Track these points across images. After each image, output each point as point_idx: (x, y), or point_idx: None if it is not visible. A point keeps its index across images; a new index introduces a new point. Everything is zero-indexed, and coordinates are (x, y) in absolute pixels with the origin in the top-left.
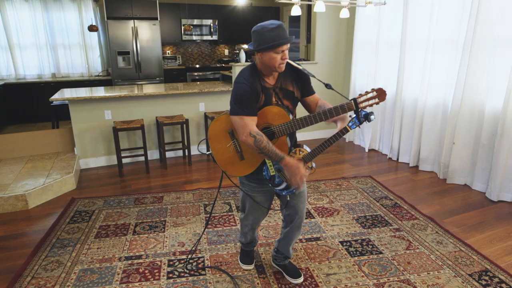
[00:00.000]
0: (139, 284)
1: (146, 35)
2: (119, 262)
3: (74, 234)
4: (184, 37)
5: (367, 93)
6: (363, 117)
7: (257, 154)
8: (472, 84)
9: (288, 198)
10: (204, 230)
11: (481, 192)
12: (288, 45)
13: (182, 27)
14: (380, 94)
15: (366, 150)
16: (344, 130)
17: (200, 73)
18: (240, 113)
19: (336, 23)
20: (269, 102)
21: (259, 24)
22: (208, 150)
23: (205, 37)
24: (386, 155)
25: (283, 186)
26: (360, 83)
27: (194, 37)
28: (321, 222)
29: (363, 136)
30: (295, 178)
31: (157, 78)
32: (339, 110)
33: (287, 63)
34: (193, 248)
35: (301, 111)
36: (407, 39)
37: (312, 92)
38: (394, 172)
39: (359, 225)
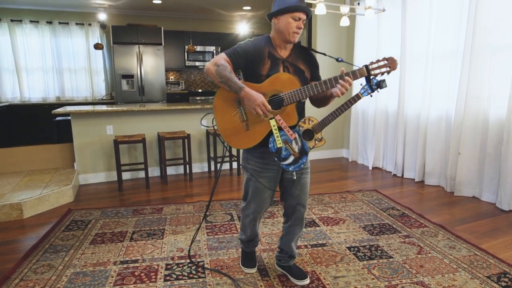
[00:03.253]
0: (134, 286)
1: (150, 59)
2: (114, 266)
3: (68, 241)
4: (188, 63)
5: (378, 61)
6: (375, 85)
7: (264, 124)
8: (474, 92)
9: (295, 177)
10: (203, 220)
11: (491, 203)
12: (305, 17)
13: (186, 52)
14: (392, 62)
15: (370, 168)
16: (356, 97)
17: (203, 97)
18: (225, 52)
19: (336, 42)
20: (276, 71)
21: None
22: (212, 123)
23: (208, 63)
24: (391, 172)
25: (290, 160)
26: (362, 101)
27: (197, 63)
28: (326, 230)
29: (366, 155)
30: (254, 105)
31: (160, 102)
32: (350, 75)
33: (301, 45)
34: (193, 239)
35: (309, 110)
36: (406, 53)
37: (319, 78)
38: (400, 186)
39: (367, 233)
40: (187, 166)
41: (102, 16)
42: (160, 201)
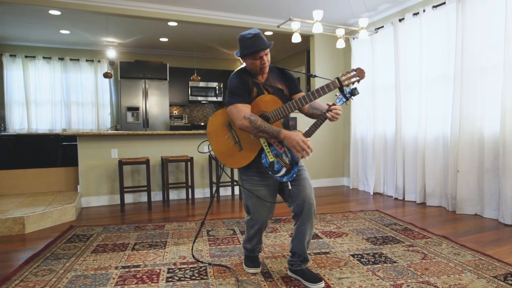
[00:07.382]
0: (135, 287)
1: (155, 93)
2: (115, 270)
3: (69, 250)
4: (191, 98)
5: (348, 72)
6: (348, 93)
7: (255, 142)
8: (468, 112)
9: (290, 187)
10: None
11: (493, 219)
12: (267, 51)
13: (189, 88)
14: (360, 72)
15: (371, 194)
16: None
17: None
18: (233, 102)
19: (333, 73)
20: (260, 95)
21: (240, 33)
22: (209, 150)
23: (210, 98)
24: (392, 196)
25: (283, 172)
26: (360, 128)
27: (200, 98)
28: (329, 242)
29: (367, 181)
30: (297, 145)
31: None
32: (325, 89)
33: (275, 67)
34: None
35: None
36: (401, 80)
37: (299, 90)
38: (402, 207)
39: (370, 243)
40: (189, 190)
41: (111, 53)
42: (162, 220)
